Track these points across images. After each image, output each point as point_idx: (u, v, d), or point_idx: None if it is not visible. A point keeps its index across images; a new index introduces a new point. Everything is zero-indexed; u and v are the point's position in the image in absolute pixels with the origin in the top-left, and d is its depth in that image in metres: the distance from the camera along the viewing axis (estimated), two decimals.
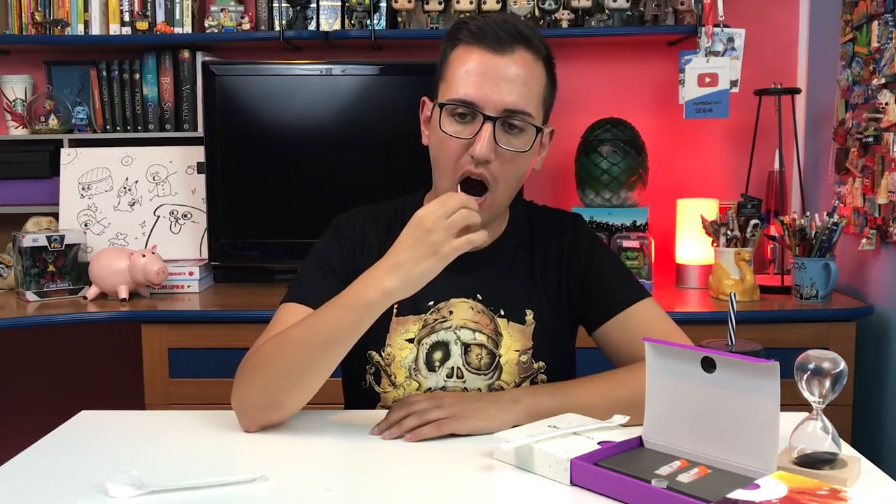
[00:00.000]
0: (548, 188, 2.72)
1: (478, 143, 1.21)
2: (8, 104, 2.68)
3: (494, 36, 1.22)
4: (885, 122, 2.13)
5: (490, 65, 1.22)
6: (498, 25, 1.23)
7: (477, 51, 1.23)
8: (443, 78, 1.27)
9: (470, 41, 1.24)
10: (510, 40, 1.22)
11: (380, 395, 1.34)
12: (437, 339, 1.33)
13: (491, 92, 1.21)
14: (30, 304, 2.33)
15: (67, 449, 1.18)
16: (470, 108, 1.22)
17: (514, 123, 1.23)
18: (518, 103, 1.22)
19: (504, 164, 1.24)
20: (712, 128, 2.70)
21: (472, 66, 1.22)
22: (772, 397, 0.94)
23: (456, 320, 1.33)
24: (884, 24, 2.15)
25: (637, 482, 0.95)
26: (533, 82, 1.24)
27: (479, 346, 1.32)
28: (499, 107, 1.21)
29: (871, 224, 2.22)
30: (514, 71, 1.22)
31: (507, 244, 1.38)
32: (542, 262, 1.37)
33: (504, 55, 1.22)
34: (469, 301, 1.34)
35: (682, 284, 2.50)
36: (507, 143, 1.23)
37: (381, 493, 1.02)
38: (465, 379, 1.32)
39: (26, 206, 2.62)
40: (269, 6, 2.64)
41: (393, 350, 1.33)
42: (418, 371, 1.32)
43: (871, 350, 2.25)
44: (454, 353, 1.32)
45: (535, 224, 1.41)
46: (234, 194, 2.48)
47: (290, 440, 1.20)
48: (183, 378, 2.20)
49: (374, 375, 1.34)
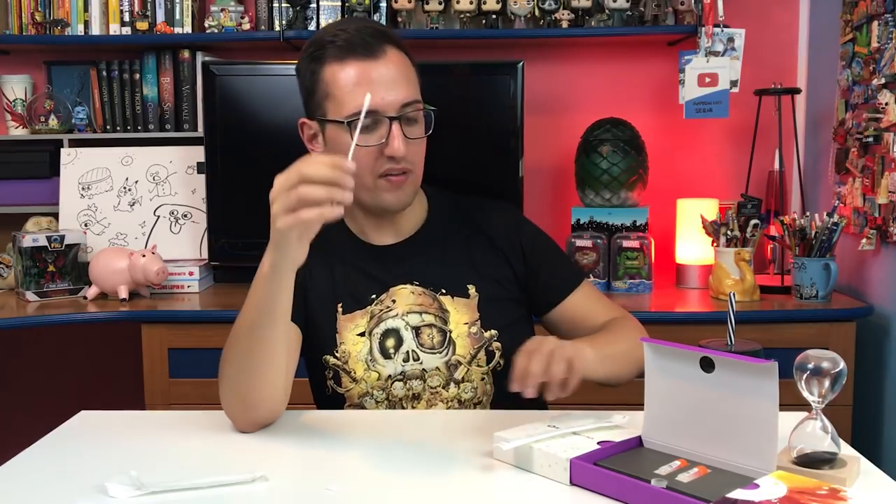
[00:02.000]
0: (548, 188, 2.72)
1: (394, 143, 1.28)
2: (8, 104, 2.68)
3: (363, 43, 1.29)
4: (885, 122, 2.13)
5: (372, 71, 1.29)
6: (360, 33, 1.30)
7: (352, 62, 1.29)
8: (328, 97, 1.31)
9: (341, 56, 1.30)
10: (379, 42, 1.30)
11: (344, 396, 1.38)
12: (387, 327, 1.37)
13: (385, 95, 1.28)
14: (30, 304, 2.33)
15: (67, 449, 1.18)
16: (374, 117, 1.28)
17: (412, 116, 1.31)
18: (409, 95, 1.31)
19: (414, 150, 1.33)
20: (712, 128, 2.70)
21: (356, 77, 1.29)
22: (771, 397, 0.94)
23: (401, 307, 1.38)
24: (884, 24, 2.15)
25: (636, 482, 0.95)
26: (409, 72, 1.33)
27: (428, 327, 1.37)
28: (396, 105, 1.29)
29: (871, 224, 2.22)
30: (393, 69, 1.30)
31: (433, 230, 1.45)
32: (480, 244, 1.44)
33: (379, 58, 1.30)
34: (408, 286, 1.39)
35: (682, 284, 2.50)
36: (411, 133, 1.32)
37: (381, 493, 1.02)
38: (421, 360, 1.36)
39: (26, 206, 2.62)
40: (269, 6, 2.64)
41: (347, 346, 1.37)
42: (375, 361, 1.36)
43: (871, 350, 2.25)
44: (406, 338, 1.36)
45: (465, 211, 1.48)
46: (234, 194, 2.48)
47: (290, 440, 1.20)
48: (183, 378, 2.20)
49: (334, 378, 1.38)
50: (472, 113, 2.44)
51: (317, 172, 1.04)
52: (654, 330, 1.78)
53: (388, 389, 1.36)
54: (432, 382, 1.36)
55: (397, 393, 1.36)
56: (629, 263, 2.40)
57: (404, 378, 1.36)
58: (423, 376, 1.36)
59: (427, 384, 1.36)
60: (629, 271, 2.40)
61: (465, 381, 1.37)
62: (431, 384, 1.36)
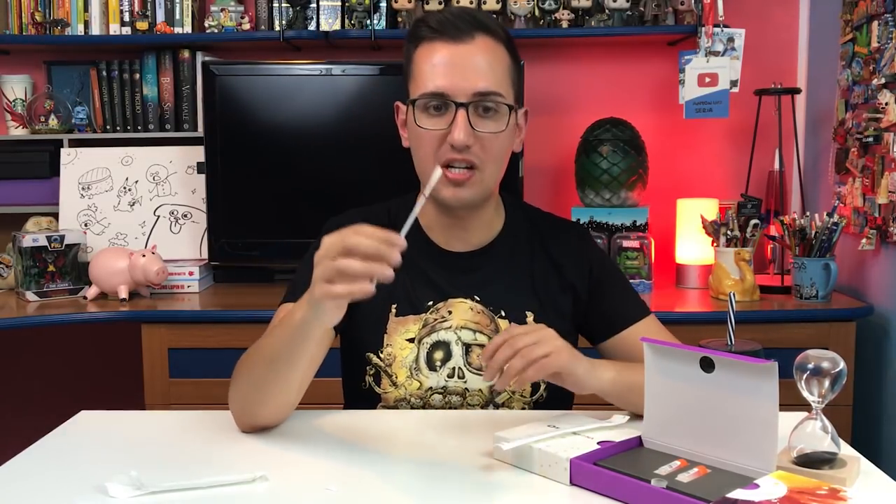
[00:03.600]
0: (548, 188, 2.72)
1: (455, 131, 1.22)
2: (8, 104, 2.68)
3: (453, 27, 1.25)
4: (885, 122, 2.13)
5: (454, 54, 1.24)
6: (455, 17, 1.26)
7: (439, 44, 1.25)
8: (411, 77, 1.29)
9: (431, 37, 1.26)
10: (469, 28, 1.25)
11: (380, 396, 1.34)
12: (438, 338, 1.33)
13: (459, 79, 1.23)
14: (30, 304, 2.33)
15: (67, 449, 1.18)
16: (442, 99, 1.24)
17: (488, 106, 1.25)
18: (487, 85, 1.24)
19: (484, 146, 1.25)
20: (712, 128, 2.70)
21: (437, 59, 1.25)
22: (771, 397, 0.94)
23: (456, 321, 1.33)
24: (884, 24, 2.15)
25: (637, 482, 0.95)
26: (497, 64, 1.26)
27: (480, 347, 1.32)
28: (469, 92, 1.23)
29: (871, 224, 2.22)
30: (478, 56, 1.24)
31: (504, 244, 1.38)
32: (545, 266, 1.37)
33: (466, 43, 1.24)
34: (468, 301, 1.34)
35: (682, 284, 2.50)
36: (482, 126, 1.24)
37: (380, 493, 1.02)
38: (465, 379, 1.32)
39: (26, 206, 2.62)
40: (269, 6, 2.64)
41: (393, 350, 1.33)
42: (419, 370, 1.32)
43: (871, 350, 2.25)
44: (455, 354, 1.32)
45: (536, 228, 1.41)
46: (234, 194, 2.48)
47: (290, 440, 1.20)
48: (183, 378, 2.20)
49: (374, 377, 1.34)
50: None
51: (360, 245, 0.99)
52: None
53: (426, 399, 1.33)
54: (472, 401, 1.33)
55: (435, 405, 1.33)
56: (629, 263, 2.40)
57: (445, 392, 1.32)
58: (465, 395, 1.32)
59: (466, 401, 1.33)
60: (629, 271, 2.40)
61: (504, 408, 1.33)
62: (471, 402, 1.33)
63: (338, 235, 1.01)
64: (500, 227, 1.38)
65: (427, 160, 1.26)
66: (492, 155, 1.26)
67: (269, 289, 2.48)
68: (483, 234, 1.37)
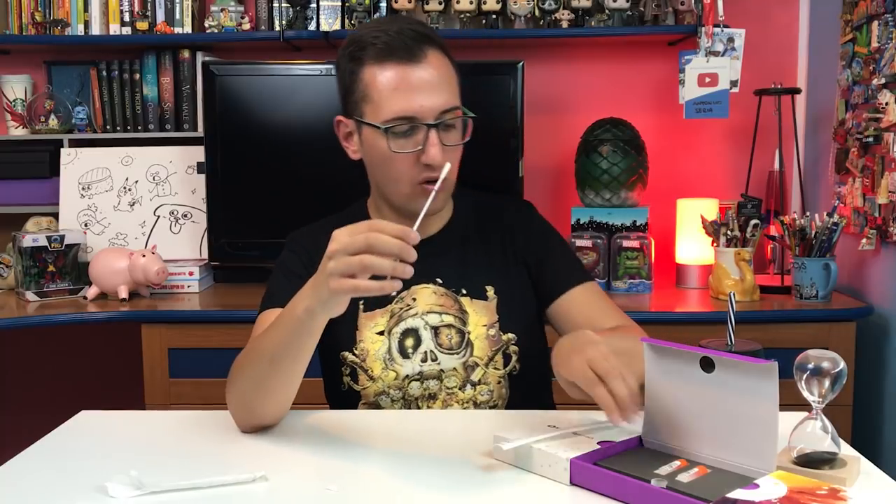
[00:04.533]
0: (548, 188, 2.72)
1: (432, 151, 1.26)
2: (8, 104, 2.68)
3: (403, 46, 1.27)
4: (885, 122, 2.13)
5: (412, 76, 1.26)
6: (402, 35, 1.27)
7: (392, 66, 1.27)
8: (366, 99, 1.29)
9: (380, 58, 1.27)
10: (419, 46, 1.27)
11: (360, 393, 1.38)
12: (406, 326, 1.37)
13: (424, 101, 1.26)
14: (30, 304, 2.33)
15: (67, 449, 1.18)
16: (411, 122, 1.27)
17: (449, 122, 1.29)
18: (448, 102, 1.28)
19: (451, 156, 1.30)
20: (712, 128, 2.70)
21: (395, 82, 1.27)
22: (771, 397, 0.94)
23: (421, 306, 1.38)
24: (884, 24, 2.15)
25: (637, 482, 0.95)
26: (451, 77, 1.31)
27: (447, 327, 1.37)
28: (436, 112, 1.27)
29: (871, 224, 2.22)
30: (435, 74, 1.28)
31: (455, 231, 1.44)
32: (497, 243, 1.44)
33: (420, 62, 1.27)
34: (430, 286, 1.39)
35: (682, 284, 2.50)
36: (449, 139, 1.29)
37: (380, 493, 1.02)
38: (439, 360, 1.36)
39: (26, 206, 2.62)
40: (269, 6, 2.64)
41: (365, 345, 1.37)
42: (393, 360, 1.36)
43: (871, 350, 2.25)
44: (425, 338, 1.36)
45: (484, 210, 1.48)
46: (234, 194, 2.48)
47: (290, 440, 1.20)
48: (183, 378, 2.20)
49: (351, 375, 1.38)
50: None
51: (385, 245, 1.01)
52: (654, 330, 1.78)
53: (404, 389, 1.36)
54: (449, 383, 1.36)
55: (414, 392, 1.36)
56: (629, 263, 2.40)
57: (421, 378, 1.36)
58: (441, 377, 1.36)
59: (444, 384, 1.36)
60: (629, 271, 2.40)
61: (481, 384, 1.37)
62: (448, 385, 1.36)
63: (353, 232, 1.03)
64: (451, 214, 1.45)
65: (401, 180, 1.31)
66: (456, 163, 1.33)
67: None
68: (437, 223, 1.43)
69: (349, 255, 1.02)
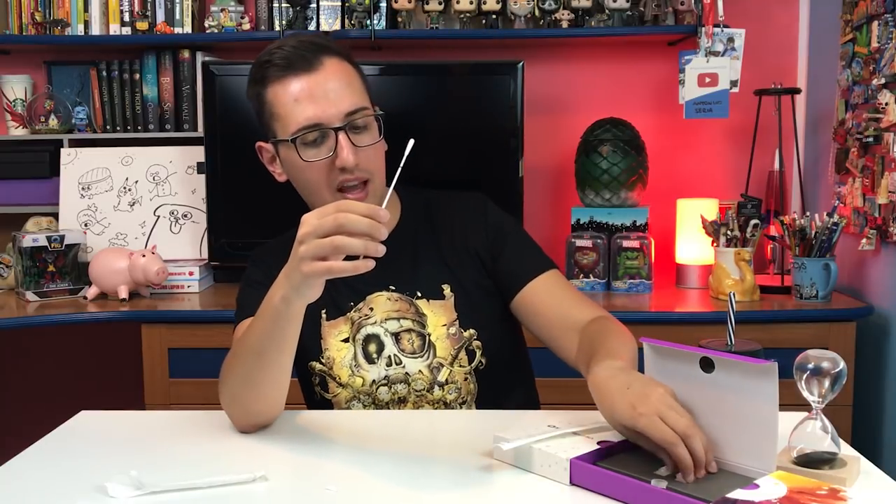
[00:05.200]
0: (548, 188, 2.72)
1: (342, 154, 1.26)
2: (8, 104, 2.68)
3: (300, 58, 1.28)
4: (885, 122, 2.13)
5: (312, 84, 1.27)
6: (296, 49, 1.29)
7: (292, 79, 1.28)
8: (274, 117, 1.31)
9: (280, 74, 1.29)
10: (314, 55, 1.29)
11: (331, 402, 1.39)
12: (367, 332, 1.38)
13: (327, 106, 1.27)
14: (30, 304, 2.33)
15: (67, 449, 1.18)
16: (318, 129, 1.27)
17: (359, 123, 1.29)
18: (354, 103, 1.29)
19: (368, 158, 1.30)
20: (712, 128, 2.70)
21: (297, 93, 1.28)
22: (770, 397, 0.94)
23: (379, 314, 1.38)
24: (884, 24, 2.15)
25: (637, 482, 0.95)
26: (352, 81, 1.31)
27: (407, 332, 1.37)
28: (340, 116, 1.27)
29: (871, 224, 2.22)
30: (333, 79, 1.29)
31: (406, 231, 1.43)
32: (450, 240, 1.43)
33: (317, 70, 1.28)
34: (384, 293, 1.39)
35: (682, 284, 2.50)
36: (361, 141, 1.29)
37: (380, 493, 1.02)
38: (403, 364, 1.36)
39: (26, 206, 2.62)
40: (269, 6, 2.64)
41: (331, 353, 1.38)
42: (359, 366, 1.37)
43: (871, 350, 2.25)
44: (387, 344, 1.37)
45: (436, 207, 1.46)
46: (234, 194, 2.48)
47: (290, 440, 1.20)
48: (183, 378, 2.20)
49: (321, 384, 1.39)
50: (472, 113, 2.44)
51: (355, 224, 1.01)
52: (654, 330, 1.78)
53: (373, 394, 1.37)
54: (416, 386, 1.36)
55: (383, 397, 1.36)
56: (629, 263, 2.40)
57: (388, 382, 1.36)
58: (407, 380, 1.36)
59: (412, 387, 1.36)
60: (629, 271, 2.40)
61: (448, 383, 1.37)
62: (416, 387, 1.36)
63: (325, 214, 1.03)
64: (398, 216, 1.43)
65: (320, 189, 1.31)
66: (376, 164, 1.32)
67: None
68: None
69: (319, 238, 1.02)
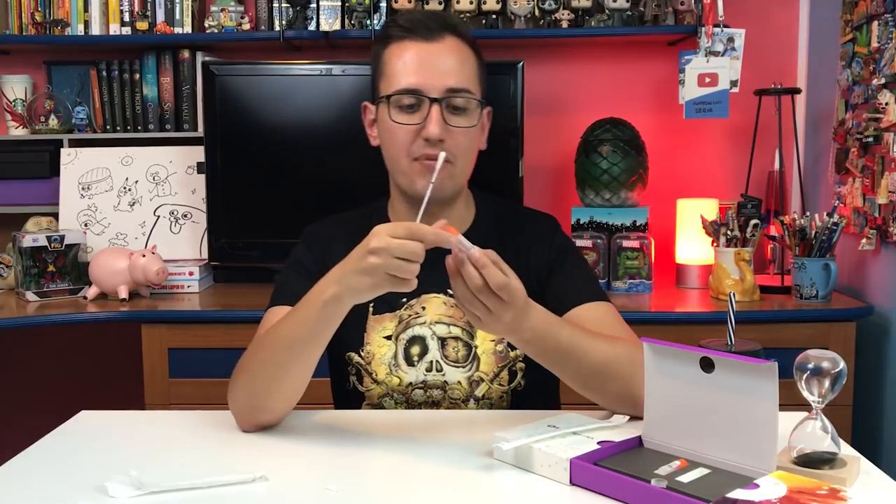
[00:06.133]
0: (548, 188, 2.72)
1: (430, 125, 1.27)
2: (8, 104, 2.68)
3: (424, 27, 1.30)
4: (885, 122, 2.13)
5: (425, 52, 1.29)
6: (425, 17, 1.32)
7: (410, 43, 1.30)
8: (382, 75, 1.33)
9: (401, 36, 1.31)
10: (438, 28, 1.30)
11: (364, 395, 1.37)
12: (413, 334, 1.36)
13: (431, 76, 1.28)
14: (30, 304, 2.33)
15: (67, 449, 1.18)
16: (415, 96, 1.28)
17: (459, 101, 1.29)
18: (458, 82, 1.29)
19: (456, 141, 1.29)
20: (712, 128, 2.70)
21: (408, 56, 1.29)
22: (770, 397, 0.94)
23: (430, 315, 1.36)
24: (884, 24, 2.15)
25: (637, 482, 0.95)
26: (466, 63, 1.32)
27: (454, 339, 1.36)
28: (441, 88, 1.28)
29: (871, 224, 2.22)
30: (448, 55, 1.30)
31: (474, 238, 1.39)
32: (514, 257, 1.38)
33: (436, 42, 1.30)
34: (441, 296, 1.37)
35: (682, 284, 2.50)
36: (454, 121, 1.29)
37: (380, 493, 1.02)
38: (444, 371, 1.35)
39: (26, 206, 2.62)
40: (269, 6, 2.64)
41: (372, 348, 1.36)
42: (398, 366, 1.36)
43: (871, 350, 2.25)
44: (431, 348, 1.36)
45: (507, 220, 1.45)
46: (234, 194, 2.48)
47: (290, 440, 1.20)
48: (183, 378, 2.20)
49: (357, 376, 1.38)
50: None
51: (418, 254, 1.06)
52: (654, 330, 1.78)
53: (408, 395, 1.36)
54: (453, 395, 1.35)
55: (417, 399, 1.35)
56: (629, 263, 2.40)
57: (425, 387, 1.35)
58: (445, 388, 1.35)
59: (447, 395, 1.35)
60: (629, 271, 2.40)
61: (484, 399, 1.35)
62: (452, 396, 1.35)
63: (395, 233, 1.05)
64: (471, 222, 1.42)
65: (400, 155, 1.31)
66: (463, 149, 1.31)
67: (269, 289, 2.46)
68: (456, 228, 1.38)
69: (394, 257, 1.05)
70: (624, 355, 1.19)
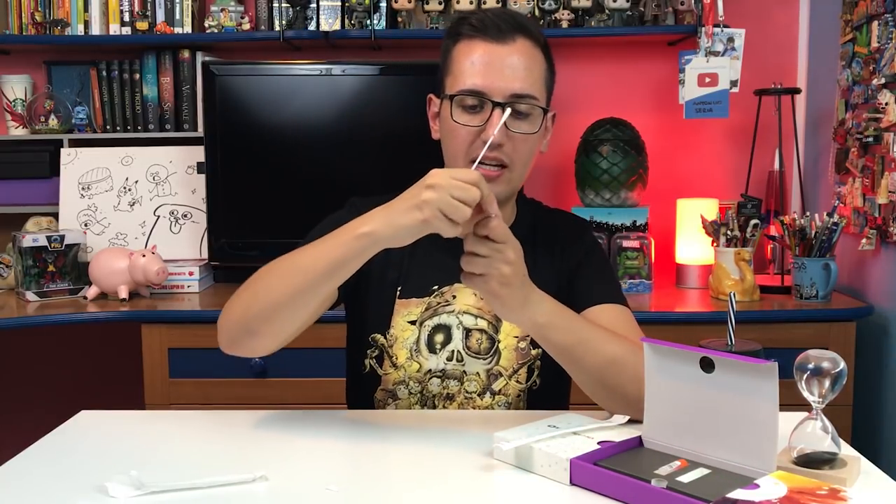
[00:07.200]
0: (548, 188, 2.72)
1: (490, 128, 1.24)
2: (8, 104, 2.68)
3: (495, 27, 1.27)
4: (885, 122, 2.13)
5: (494, 54, 1.26)
6: (497, 17, 1.28)
7: (480, 42, 1.28)
8: (449, 72, 1.31)
9: (472, 34, 1.28)
10: (510, 30, 1.27)
11: (381, 378, 1.37)
12: (440, 321, 1.36)
13: (497, 79, 1.25)
14: (30, 304, 2.33)
15: (67, 449, 1.18)
16: (479, 97, 1.26)
17: (521, 109, 1.27)
18: (524, 88, 1.26)
19: (516, 146, 1.28)
20: (712, 128, 2.70)
21: (476, 57, 1.27)
22: (771, 397, 0.94)
23: (459, 305, 1.36)
24: (884, 24, 2.15)
25: (637, 482, 0.95)
26: (535, 68, 1.29)
27: (479, 332, 1.35)
28: (506, 93, 1.26)
29: (871, 224, 2.22)
30: (517, 58, 1.27)
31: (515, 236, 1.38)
32: (543, 258, 1.40)
33: (506, 44, 1.27)
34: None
35: (682, 284, 2.50)
36: (516, 126, 1.27)
37: (381, 493, 1.02)
38: (464, 362, 1.35)
39: (26, 206, 2.62)
40: (269, 6, 2.64)
41: (395, 331, 1.36)
42: (419, 352, 1.35)
43: (871, 350, 2.25)
44: (455, 337, 1.35)
45: (541, 222, 1.44)
46: (234, 194, 2.48)
47: (290, 440, 1.20)
48: (183, 378, 2.20)
49: (377, 358, 1.37)
50: None
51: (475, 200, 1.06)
52: (654, 330, 1.78)
53: (424, 383, 1.35)
54: (469, 387, 1.35)
55: (433, 389, 1.35)
56: (629, 263, 2.40)
57: (443, 376, 1.35)
58: (462, 378, 1.35)
59: (464, 387, 1.35)
60: (629, 271, 2.40)
61: (500, 394, 1.35)
62: (468, 388, 1.35)
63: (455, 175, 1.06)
64: (513, 219, 1.41)
65: (458, 155, 1.29)
66: (522, 155, 1.30)
67: None
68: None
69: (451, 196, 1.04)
70: (632, 355, 1.19)
